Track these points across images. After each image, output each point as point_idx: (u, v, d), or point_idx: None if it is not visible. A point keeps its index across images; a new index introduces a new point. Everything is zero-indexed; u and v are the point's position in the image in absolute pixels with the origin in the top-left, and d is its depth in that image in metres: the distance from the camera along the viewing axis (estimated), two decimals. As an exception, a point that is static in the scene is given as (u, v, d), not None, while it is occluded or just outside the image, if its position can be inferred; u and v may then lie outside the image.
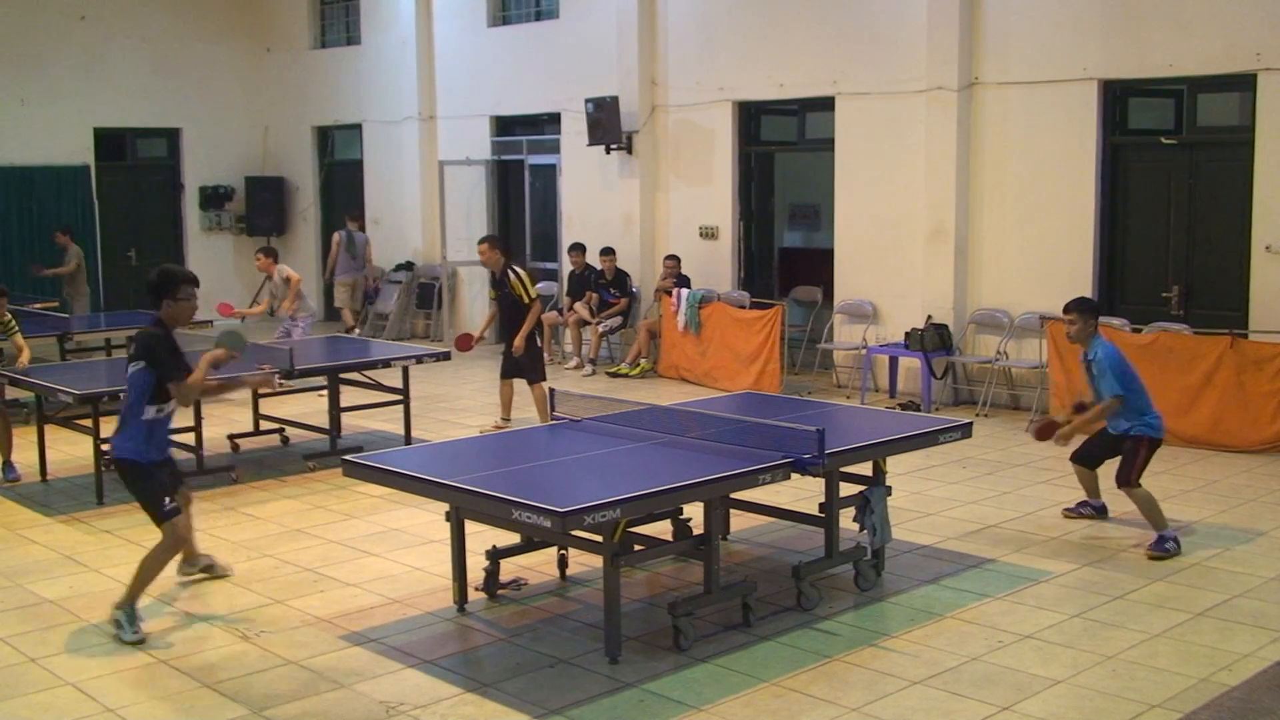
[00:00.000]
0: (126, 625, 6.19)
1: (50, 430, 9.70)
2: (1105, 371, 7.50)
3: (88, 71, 17.70)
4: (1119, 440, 7.64)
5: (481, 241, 11.01)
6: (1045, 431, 7.77)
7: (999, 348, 11.56)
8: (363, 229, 17.19)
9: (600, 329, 14.21)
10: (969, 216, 11.87)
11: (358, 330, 16.73)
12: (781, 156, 14.43)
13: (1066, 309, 7.72)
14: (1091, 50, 10.98)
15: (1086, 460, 7.96)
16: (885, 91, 12.33)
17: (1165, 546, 7.24)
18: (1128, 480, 7.44)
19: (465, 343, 10.80)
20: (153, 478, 6.41)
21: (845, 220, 12.87)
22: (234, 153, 19.31)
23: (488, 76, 16.36)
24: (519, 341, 10.57)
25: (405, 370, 10.36)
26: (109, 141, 18.18)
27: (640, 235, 14.55)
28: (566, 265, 15.08)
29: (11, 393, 11.66)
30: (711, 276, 13.97)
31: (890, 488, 6.97)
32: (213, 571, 7.08)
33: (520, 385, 10.89)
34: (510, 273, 10.70)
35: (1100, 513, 7.99)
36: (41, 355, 12.59)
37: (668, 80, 14.28)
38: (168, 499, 6.39)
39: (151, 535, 7.94)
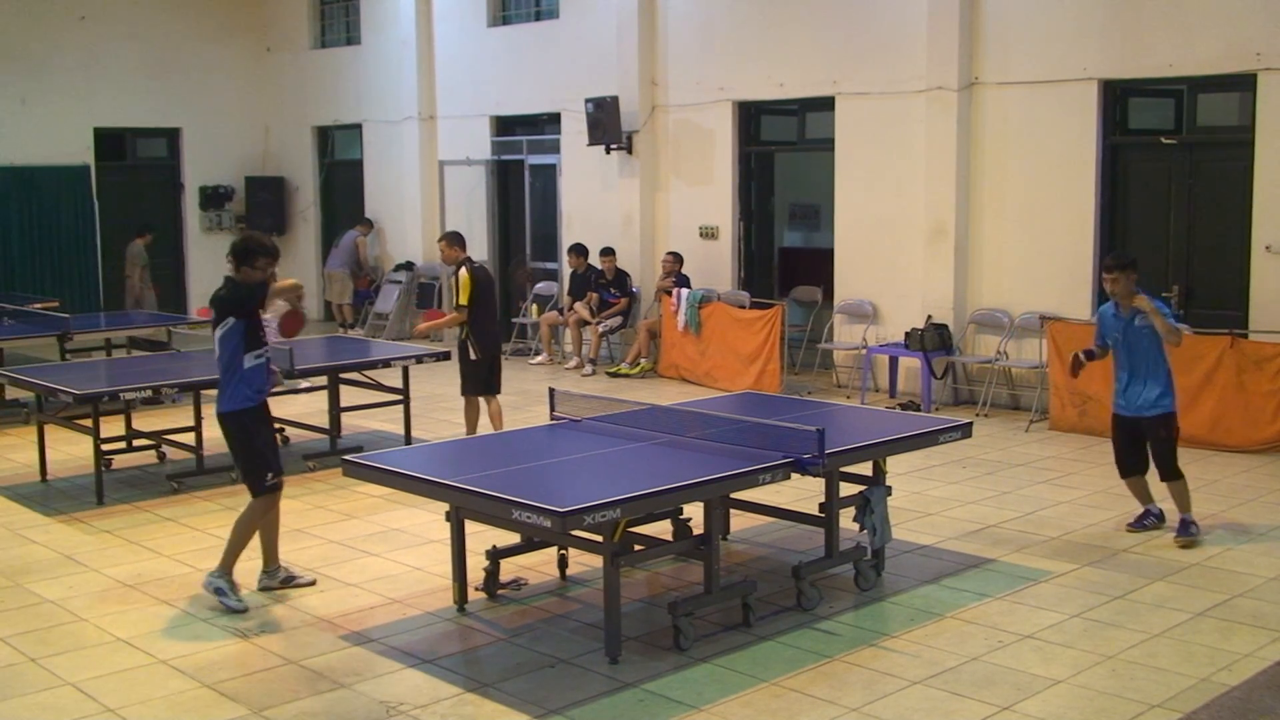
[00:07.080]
0: (229, 592, 6.49)
1: (50, 430, 9.69)
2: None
3: (88, 71, 17.67)
4: (1140, 425, 7.55)
5: (440, 239, 10.16)
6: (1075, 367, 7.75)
7: (999, 348, 11.56)
8: (363, 231, 17.89)
9: (600, 329, 14.21)
10: (969, 216, 11.86)
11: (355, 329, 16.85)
12: (781, 156, 14.42)
13: (1109, 268, 7.50)
14: (1091, 50, 10.98)
15: (1134, 468, 7.69)
16: (885, 91, 12.32)
17: (1190, 531, 7.41)
18: (1177, 472, 7.51)
19: (430, 315, 12.96)
20: (259, 436, 6.62)
21: (845, 220, 12.87)
22: (234, 153, 19.28)
23: (488, 76, 16.35)
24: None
25: (405, 370, 10.36)
26: (109, 141, 18.14)
27: (640, 235, 14.54)
28: (566, 266, 15.07)
29: (12, 393, 11.72)
30: (711, 276, 13.97)
31: (890, 488, 6.97)
32: (292, 584, 6.89)
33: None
34: (459, 272, 9.74)
35: (1160, 519, 7.70)
36: (42, 355, 12.62)
37: (668, 80, 14.28)
38: (270, 474, 6.62)
39: (151, 535, 7.97)
